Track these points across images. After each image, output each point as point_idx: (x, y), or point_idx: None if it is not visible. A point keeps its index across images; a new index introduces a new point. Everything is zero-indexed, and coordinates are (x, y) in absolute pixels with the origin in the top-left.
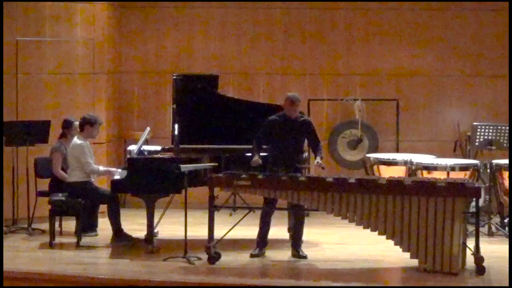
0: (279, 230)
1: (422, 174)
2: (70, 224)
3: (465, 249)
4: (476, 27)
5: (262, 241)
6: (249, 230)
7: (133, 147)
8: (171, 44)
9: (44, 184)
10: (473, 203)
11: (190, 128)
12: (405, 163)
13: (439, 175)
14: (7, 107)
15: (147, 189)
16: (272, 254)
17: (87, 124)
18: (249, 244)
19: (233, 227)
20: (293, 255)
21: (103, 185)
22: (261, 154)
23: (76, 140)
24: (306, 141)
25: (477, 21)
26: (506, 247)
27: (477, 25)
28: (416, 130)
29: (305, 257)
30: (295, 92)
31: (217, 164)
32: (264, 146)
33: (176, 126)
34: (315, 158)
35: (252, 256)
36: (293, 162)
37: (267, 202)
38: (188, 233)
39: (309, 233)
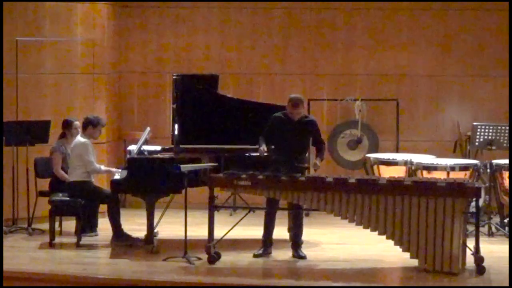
0: (279, 230)
1: (422, 174)
2: (70, 224)
3: (465, 249)
4: (476, 27)
5: (266, 242)
6: (249, 230)
7: (133, 147)
8: (171, 44)
9: (44, 184)
10: (473, 203)
11: (190, 128)
12: (405, 163)
13: (439, 175)
14: (7, 107)
15: (147, 189)
16: (272, 254)
17: (90, 125)
18: (249, 244)
19: (233, 227)
20: (293, 256)
21: (103, 185)
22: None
23: (79, 138)
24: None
25: (477, 21)
26: (506, 247)
27: (477, 25)
28: (416, 130)
29: (304, 257)
30: (296, 93)
31: (217, 164)
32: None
33: (176, 126)
34: (316, 159)
35: (255, 256)
36: (294, 162)
37: (269, 203)
38: (188, 233)
39: (309, 233)
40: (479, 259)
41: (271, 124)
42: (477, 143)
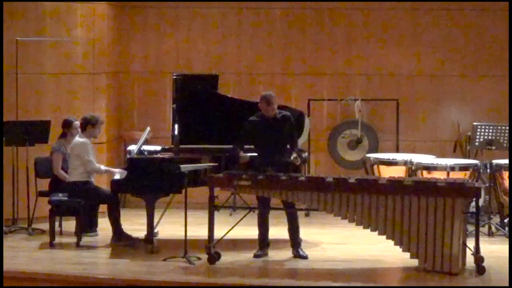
0: (279, 230)
1: (422, 174)
2: (70, 224)
3: (465, 249)
4: (476, 27)
5: (263, 242)
6: (249, 230)
7: (133, 147)
8: (171, 44)
9: (44, 184)
10: (473, 203)
11: (190, 128)
12: (405, 163)
13: (439, 175)
14: (7, 107)
15: (147, 189)
16: (272, 254)
17: (89, 125)
18: (249, 244)
19: (233, 227)
20: (294, 256)
21: (103, 185)
22: (249, 154)
23: (78, 138)
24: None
25: (477, 21)
26: (506, 247)
27: (477, 25)
28: (416, 130)
29: (305, 257)
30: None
31: (217, 164)
32: (247, 147)
33: (176, 126)
34: (291, 154)
35: (255, 256)
36: (279, 159)
37: (260, 203)
38: (188, 233)
39: (309, 233)
40: (479, 259)
41: (249, 129)
42: (477, 143)
